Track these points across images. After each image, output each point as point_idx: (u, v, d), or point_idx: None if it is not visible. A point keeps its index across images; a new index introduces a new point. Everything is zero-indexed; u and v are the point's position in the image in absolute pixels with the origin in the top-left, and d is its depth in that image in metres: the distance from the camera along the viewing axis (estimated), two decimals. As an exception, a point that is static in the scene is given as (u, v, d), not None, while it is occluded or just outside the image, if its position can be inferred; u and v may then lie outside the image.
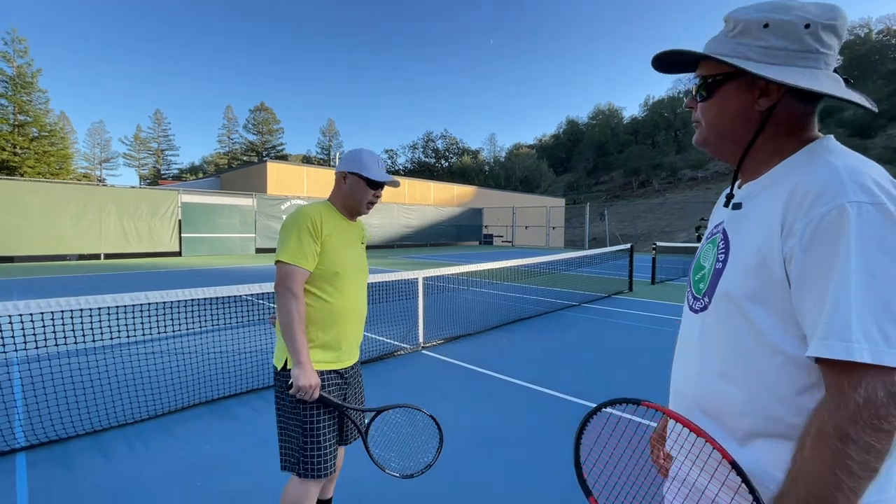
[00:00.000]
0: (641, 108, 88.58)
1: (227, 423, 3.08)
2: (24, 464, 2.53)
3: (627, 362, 4.58)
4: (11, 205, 14.42)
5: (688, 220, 33.24)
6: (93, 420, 2.99)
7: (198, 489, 2.32)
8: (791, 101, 0.76)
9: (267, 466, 2.52)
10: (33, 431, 2.84)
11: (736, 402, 0.76)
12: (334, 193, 1.80)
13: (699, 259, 0.90)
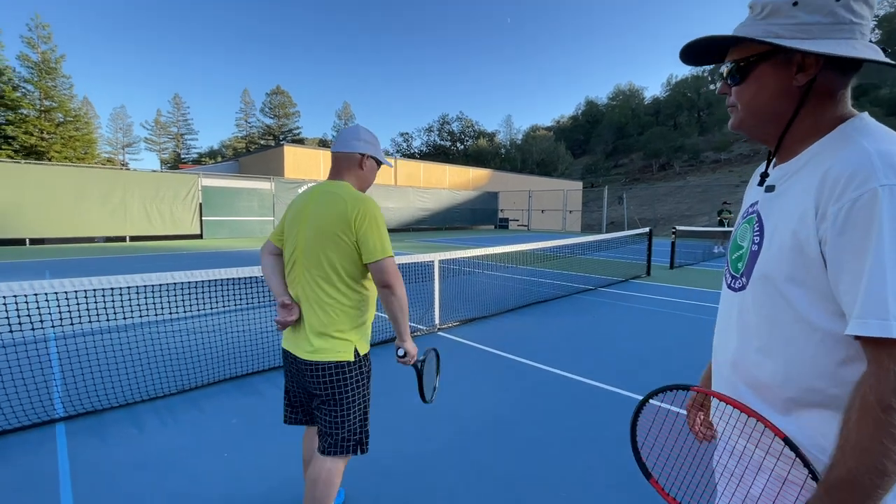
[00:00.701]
0: (663, 87, 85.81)
1: (251, 399, 3.20)
2: (63, 433, 2.69)
3: (644, 346, 4.56)
4: (42, 189, 14.90)
5: (710, 203, 32.44)
6: (125, 393, 3.15)
7: (224, 459, 2.43)
8: (829, 73, 0.76)
9: (290, 441, 2.63)
10: (71, 403, 3.00)
11: (776, 376, 0.79)
12: (351, 176, 1.73)
13: (736, 238, 0.92)
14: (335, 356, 1.62)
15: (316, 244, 1.62)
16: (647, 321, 5.60)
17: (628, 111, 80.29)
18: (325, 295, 1.62)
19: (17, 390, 2.98)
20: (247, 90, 76.49)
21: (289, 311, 1.65)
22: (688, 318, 5.81)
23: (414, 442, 2.61)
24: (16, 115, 25.88)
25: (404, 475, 2.32)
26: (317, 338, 1.61)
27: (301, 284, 1.66)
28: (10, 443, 2.56)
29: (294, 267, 1.69)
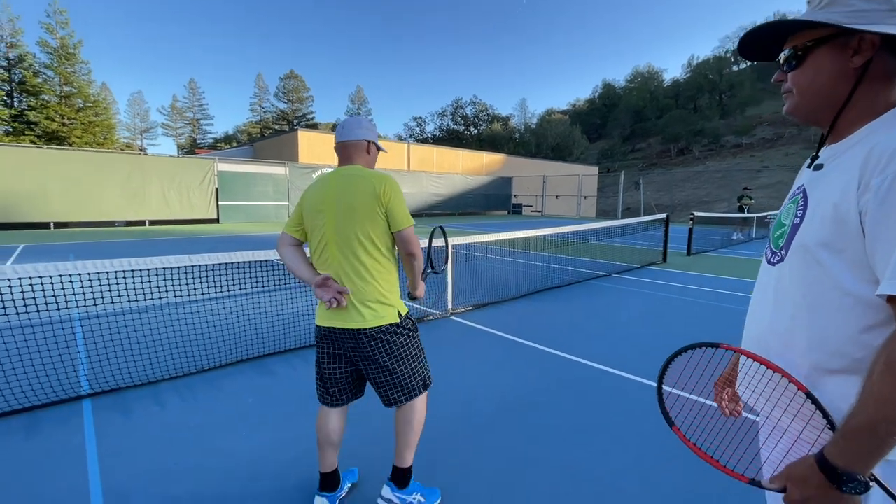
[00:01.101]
0: (684, 69, 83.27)
1: (266, 379, 3.28)
2: (89, 408, 2.79)
3: (657, 332, 4.53)
4: (65, 174, 15.25)
5: (729, 189, 31.66)
6: (147, 372, 3.25)
7: (243, 437, 2.51)
8: (884, 56, 0.80)
9: (304, 420, 2.69)
10: (96, 380, 3.11)
11: (803, 340, 0.85)
12: (361, 160, 1.88)
13: (780, 218, 0.97)
14: (385, 321, 1.79)
15: (349, 222, 1.74)
16: (662, 308, 5.54)
17: (647, 94, 78.19)
18: (362, 267, 1.76)
19: (45, 368, 3.10)
20: (260, 74, 76.54)
21: (330, 287, 1.74)
22: (704, 305, 5.73)
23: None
24: (37, 100, 26.40)
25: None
26: (364, 307, 1.76)
27: (338, 263, 1.78)
28: (40, 417, 2.68)
29: (325, 249, 1.80)
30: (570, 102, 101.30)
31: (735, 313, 5.31)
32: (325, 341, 1.85)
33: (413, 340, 1.90)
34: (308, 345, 3.95)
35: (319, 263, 1.83)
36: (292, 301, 5.15)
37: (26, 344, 3.28)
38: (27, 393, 2.81)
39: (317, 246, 1.83)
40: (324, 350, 1.86)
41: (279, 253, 1.88)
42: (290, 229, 1.88)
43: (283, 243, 1.88)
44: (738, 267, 8.91)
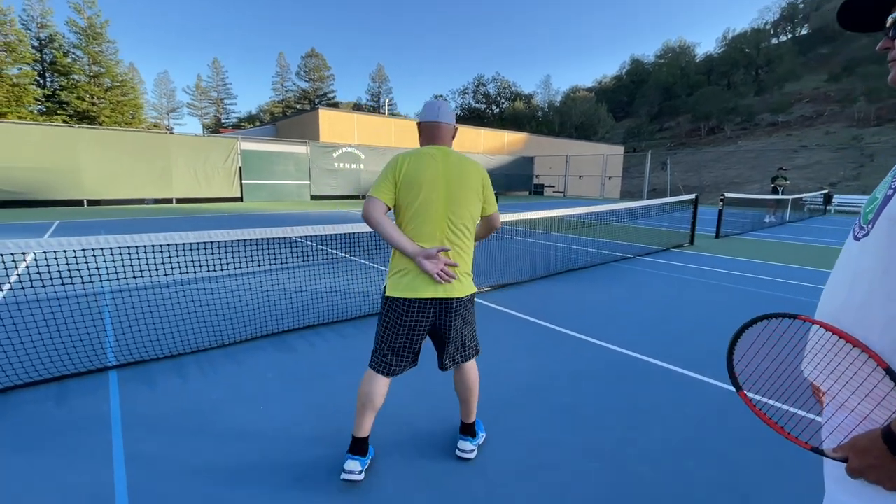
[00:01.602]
0: (718, 43, 79.31)
1: (286, 355, 3.30)
2: (115, 380, 2.86)
3: (682, 316, 4.37)
4: (96, 152, 15.64)
5: (762, 170, 30.32)
6: (170, 345, 3.31)
7: (260, 412, 2.53)
8: None
9: (324, 398, 2.70)
10: (121, 353, 3.19)
11: (881, 318, 0.79)
12: (450, 143, 2.07)
13: (875, 192, 0.92)
14: (471, 290, 2.02)
15: (464, 202, 1.94)
16: (689, 292, 5.35)
17: (677, 70, 74.90)
18: (464, 243, 1.97)
19: (73, 340, 3.18)
20: (282, 53, 76.48)
21: (440, 260, 1.88)
22: (733, 289, 5.51)
23: (445, 407, 2.61)
24: (68, 80, 27.03)
25: (435, 438, 2.33)
26: (464, 277, 1.98)
27: (443, 235, 1.92)
28: (68, 387, 2.76)
29: (429, 222, 1.90)
30: (597, 79, 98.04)
31: (769, 300, 5.09)
32: (418, 313, 1.91)
33: (472, 313, 2.11)
34: (326, 321, 3.96)
35: (415, 234, 1.91)
36: (309, 279, 5.17)
37: (61, 314, 3.38)
38: (55, 363, 2.90)
39: (414, 217, 1.90)
40: (411, 322, 1.92)
41: (375, 218, 1.84)
42: (385, 196, 1.88)
43: (378, 209, 1.86)
44: (771, 251, 8.55)
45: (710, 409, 2.63)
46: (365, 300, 4.62)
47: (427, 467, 2.08)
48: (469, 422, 2.19)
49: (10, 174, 14.30)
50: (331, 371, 3.06)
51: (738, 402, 2.68)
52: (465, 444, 2.14)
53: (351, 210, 15.93)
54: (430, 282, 1.88)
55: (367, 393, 1.98)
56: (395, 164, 1.90)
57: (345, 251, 7.11)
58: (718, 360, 3.31)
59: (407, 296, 1.89)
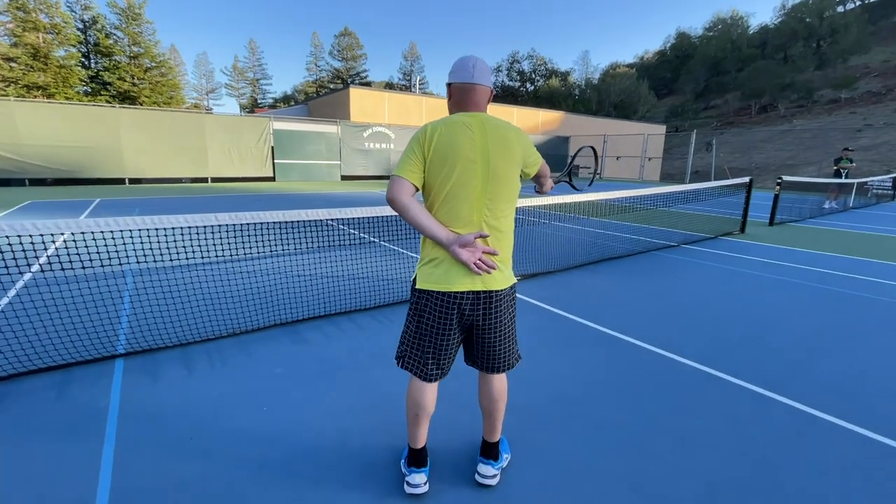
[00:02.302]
0: (776, 13, 73.28)
1: (298, 347, 3.10)
2: (121, 369, 2.73)
3: (733, 314, 3.89)
4: (136, 132, 16.05)
5: (820, 151, 27.98)
6: (178, 334, 3.15)
7: (263, 413, 2.32)
8: None
9: (330, 401, 2.46)
10: (135, 339, 3.07)
11: None
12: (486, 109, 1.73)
13: None
14: (511, 280, 1.71)
15: (505, 177, 1.63)
16: (744, 286, 4.82)
17: (727, 43, 69.81)
18: (504, 227, 1.66)
19: (84, 325, 3.08)
20: (316, 33, 76.31)
21: (478, 248, 1.59)
22: (796, 285, 4.93)
23: (464, 416, 2.32)
24: (110, 61, 27.86)
25: (452, 457, 2.06)
26: (506, 266, 1.69)
27: (481, 219, 1.62)
28: (73, 376, 2.64)
29: (465, 201, 1.59)
30: (638, 55, 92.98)
31: (839, 297, 4.50)
32: (454, 308, 1.63)
33: (513, 312, 1.78)
34: (344, 310, 3.73)
35: (449, 219, 1.60)
36: (331, 263, 4.97)
37: (81, 298, 3.30)
38: (69, 349, 2.79)
39: (448, 199, 1.59)
40: (449, 319, 1.64)
41: (401, 203, 1.55)
42: (413, 176, 1.58)
43: (405, 191, 1.56)
44: (835, 241, 7.74)
45: (781, 435, 2.23)
46: (388, 288, 4.37)
47: (438, 495, 1.80)
48: (493, 441, 1.87)
49: (58, 153, 14.87)
50: (342, 366, 2.83)
51: (817, 428, 2.26)
52: (487, 469, 1.83)
53: (380, 191, 15.73)
54: (467, 272, 1.60)
55: (416, 400, 1.75)
56: (423, 136, 1.58)
57: (373, 235, 6.89)
58: (791, 373, 2.87)
59: (441, 289, 1.61)
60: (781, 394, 2.59)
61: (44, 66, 24.04)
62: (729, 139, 45.26)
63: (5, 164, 14.16)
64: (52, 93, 23.82)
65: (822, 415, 2.39)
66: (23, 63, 23.62)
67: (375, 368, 2.82)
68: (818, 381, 2.77)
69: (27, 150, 14.40)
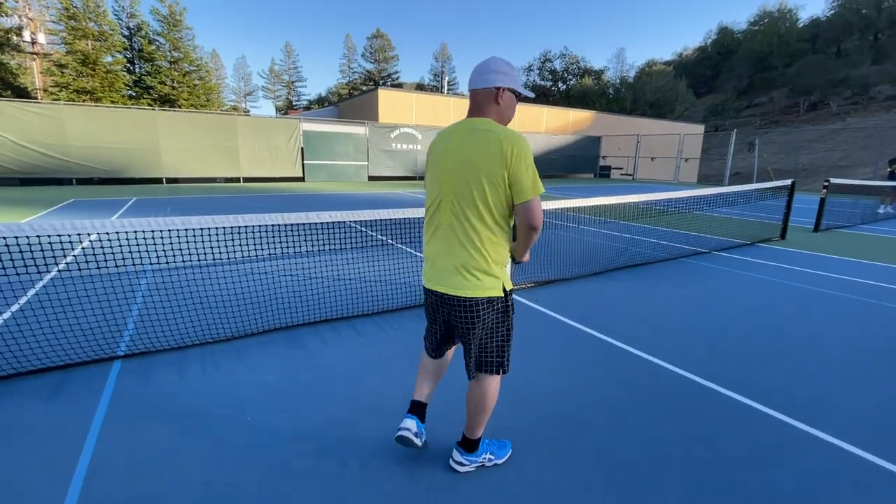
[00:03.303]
0: (828, 4, 69.05)
1: (295, 353, 3.02)
2: (116, 372, 2.72)
3: (768, 332, 3.56)
4: (174, 133, 16.68)
5: (877, 151, 26.09)
6: (175, 337, 3.13)
7: (246, 423, 2.24)
8: None
9: (314, 412, 2.36)
10: (140, 339, 3.08)
11: None
12: (491, 112, 1.66)
13: None
14: (488, 293, 1.68)
15: (467, 182, 1.60)
16: (775, 298, 4.44)
17: (774, 38, 66.25)
18: (474, 234, 1.63)
19: (91, 326, 3.11)
20: (349, 35, 77.62)
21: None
22: (836, 298, 4.50)
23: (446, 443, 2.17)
24: (152, 66, 29.18)
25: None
26: (477, 275, 1.66)
27: (449, 225, 1.67)
28: (70, 378, 2.64)
29: (439, 208, 1.70)
30: (676, 52, 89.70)
31: (889, 314, 4.07)
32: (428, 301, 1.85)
33: (506, 321, 1.79)
34: (345, 315, 3.65)
35: (429, 224, 1.76)
36: (340, 266, 4.91)
37: (96, 297, 3.35)
38: (76, 349, 2.82)
39: (430, 204, 1.75)
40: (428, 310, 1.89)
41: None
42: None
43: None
44: (886, 249, 7.10)
45: (812, 477, 1.96)
46: (397, 293, 4.26)
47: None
48: (471, 437, 1.90)
49: (102, 153, 15.63)
50: (337, 374, 2.73)
51: (852, 468, 1.98)
52: (456, 455, 1.92)
53: (405, 191, 15.73)
54: (431, 273, 1.76)
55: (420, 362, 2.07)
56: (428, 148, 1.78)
57: (390, 238, 6.82)
58: (828, 402, 2.57)
59: (424, 283, 1.84)
60: (815, 426, 2.30)
61: (92, 71, 25.44)
62: (774, 139, 42.93)
63: (55, 164, 15.00)
64: (98, 97, 25.20)
65: (860, 452, 2.10)
66: (73, 69, 25.07)
67: (368, 378, 2.70)
68: (858, 412, 2.46)
69: (74, 152, 15.20)
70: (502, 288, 1.71)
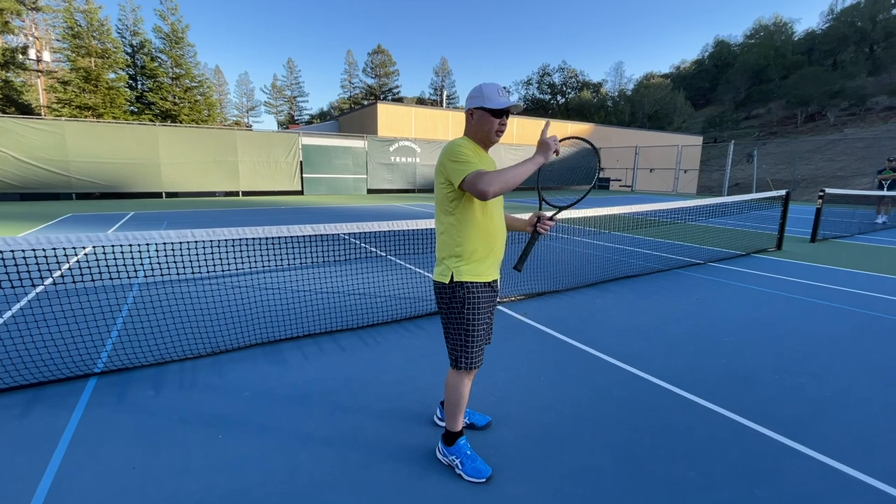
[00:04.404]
0: (823, 18, 69.83)
1: (275, 368, 2.97)
2: (91, 388, 2.67)
3: (757, 343, 3.50)
4: (174, 148, 16.83)
5: (874, 161, 26.11)
6: (154, 352, 3.09)
7: (217, 441, 2.18)
8: None
9: (293, 424, 2.31)
10: (117, 355, 3.04)
11: None
12: (467, 130, 1.94)
13: None
14: (439, 278, 1.93)
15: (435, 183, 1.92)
16: (769, 309, 4.38)
17: (770, 51, 66.92)
18: (439, 224, 1.94)
19: (75, 340, 3.07)
20: (350, 51, 78.90)
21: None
22: (831, 308, 4.44)
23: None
24: (154, 83, 29.57)
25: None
26: (439, 262, 1.96)
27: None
28: (43, 395, 2.60)
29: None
30: (674, 65, 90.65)
31: (883, 324, 4.00)
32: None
33: (452, 312, 1.90)
34: (326, 331, 3.60)
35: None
36: (323, 279, 4.87)
37: (81, 311, 3.31)
38: (62, 365, 2.77)
39: None
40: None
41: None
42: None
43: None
44: (885, 259, 7.04)
45: (799, 494, 1.89)
46: (380, 306, 4.22)
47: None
48: (448, 429, 2.04)
49: (103, 168, 15.76)
50: (310, 392, 2.67)
51: (843, 486, 1.91)
52: (440, 444, 2.08)
53: (403, 204, 15.76)
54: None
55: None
56: None
57: (381, 250, 6.79)
58: (818, 417, 2.50)
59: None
60: (802, 442, 2.24)
61: (94, 88, 25.78)
62: (772, 150, 43.08)
63: (55, 179, 15.11)
64: (100, 113, 25.49)
65: (848, 470, 2.03)
66: (76, 85, 25.41)
67: (342, 395, 2.65)
68: (848, 428, 2.39)
69: (75, 167, 15.32)
70: (449, 276, 1.87)
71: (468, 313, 1.87)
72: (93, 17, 25.78)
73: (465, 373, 1.96)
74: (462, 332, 1.90)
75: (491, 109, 1.83)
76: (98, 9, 26.16)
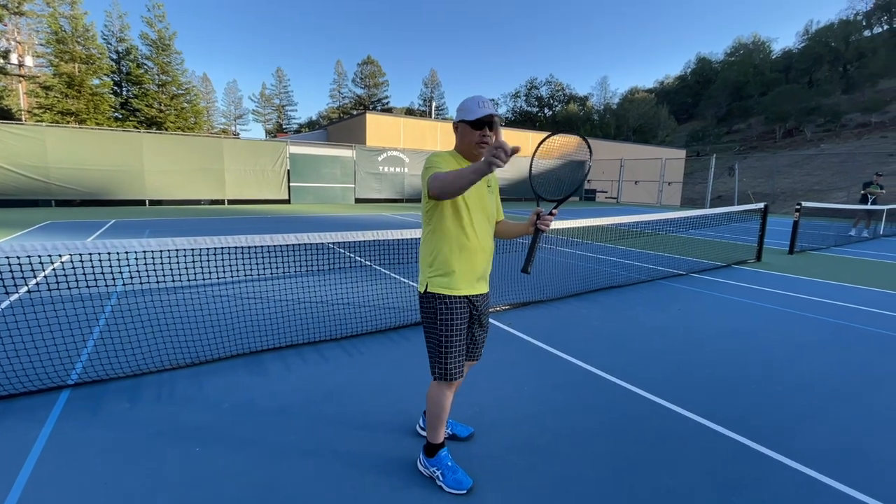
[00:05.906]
0: (799, 38, 72.47)
1: (255, 379, 2.93)
2: (64, 400, 2.60)
3: (741, 354, 3.56)
4: (158, 155, 16.59)
5: (849, 176, 26.97)
6: (131, 363, 3.02)
7: (195, 455, 2.13)
8: None
9: (268, 440, 2.27)
10: (92, 367, 2.95)
11: None
12: (456, 141, 1.97)
13: None
14: (419, 286, 1.96)
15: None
16: (748, 319, 4.46)
17: (749, 68, 69.16)
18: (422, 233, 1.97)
19: (48, 351, 2.99)
20: (339, 61, 79.17)
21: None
22: (807, 319, 4.55)
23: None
24: (140, 89, 29.28)
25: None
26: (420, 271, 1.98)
27: None
28: (14, 407, 2.52)
29: None
30: (658, 80, 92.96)
31: (864, 336, 4.10)
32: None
33: (428, 322, 1.93)
34: (311, 341, 3.56)
35: None
36: (312, 288, 4.83)
37: (56, 321, 3.22)
38: (29, 375, 2.69)
39: None
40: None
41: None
42: None
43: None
44: (862, 271, 7.24)
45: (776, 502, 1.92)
46: (363, 316, 4.19)
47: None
48: (428, 441, 2.03)
49: (85, 175, 15.46)
50: (295, 402, 2.63)
51: (819, 495, 1.94)
52: (421, 456, 2.07)
53: (391, 213, 15.75)
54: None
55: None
56: None
57: (367, 259, 6.77)
58: (795, 427, 2.54)
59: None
60: (781, 452, 2.27)
61: (77, 93, 25.39)
62: (752, 164, 44.26)
63: (34, 185, 14.77)
64: (83, 119, 25.08)
65: (826, 480, 2.06)
66: (58, 91, 25.01)
67: (324, 406, 2.62)
68: (825, 437, 2.44)
69: (55, 174, 15.00)
70: (425, 286, 1.91)
71: (440, 325, 1.88)
72: (78, 23, 25.50)
73: (446, 384, 1.94)
74: (436, 342, 1.91)
75: (470, 122, 1.86)
76: (83, 14, 25.91)
